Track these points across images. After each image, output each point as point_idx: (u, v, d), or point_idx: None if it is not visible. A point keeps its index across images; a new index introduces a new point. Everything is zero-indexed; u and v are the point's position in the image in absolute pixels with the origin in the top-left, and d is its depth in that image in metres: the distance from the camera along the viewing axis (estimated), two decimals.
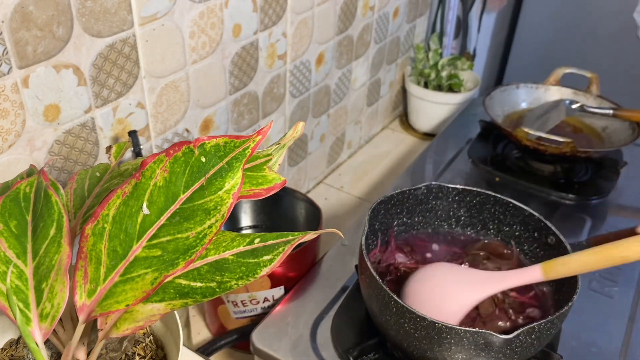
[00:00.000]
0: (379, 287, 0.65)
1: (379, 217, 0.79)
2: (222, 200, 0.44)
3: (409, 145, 1.42)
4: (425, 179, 1.08)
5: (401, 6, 1.31)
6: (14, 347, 0.54)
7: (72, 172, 0.70)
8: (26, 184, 0.49)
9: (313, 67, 1.08)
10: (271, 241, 0.45)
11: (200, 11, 0.78)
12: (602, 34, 1.71)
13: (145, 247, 0.43)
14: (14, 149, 0.63)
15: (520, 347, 0.62)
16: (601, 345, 0.75)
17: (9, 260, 0.45)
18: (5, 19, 0.57)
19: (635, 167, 1.09)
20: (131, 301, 0.43)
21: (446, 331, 0.61)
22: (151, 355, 0.54)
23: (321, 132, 1.21)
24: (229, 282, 0.44)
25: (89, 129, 0.70)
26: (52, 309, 0.44)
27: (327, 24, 1.07)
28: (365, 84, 1.30)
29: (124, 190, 0.44)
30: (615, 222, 0.98)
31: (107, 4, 0.66)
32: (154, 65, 0.75)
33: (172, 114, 0.81)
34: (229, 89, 0.90)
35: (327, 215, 1.17)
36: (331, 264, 0.86)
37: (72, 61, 0.65)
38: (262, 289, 0.81)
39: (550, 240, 0.75)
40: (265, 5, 0.89)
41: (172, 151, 0.44)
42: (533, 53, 1.85)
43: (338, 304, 0.79)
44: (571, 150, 0.98)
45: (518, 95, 1.19)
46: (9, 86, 0.60)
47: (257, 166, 0.49)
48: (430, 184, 0.81)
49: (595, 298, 0.82)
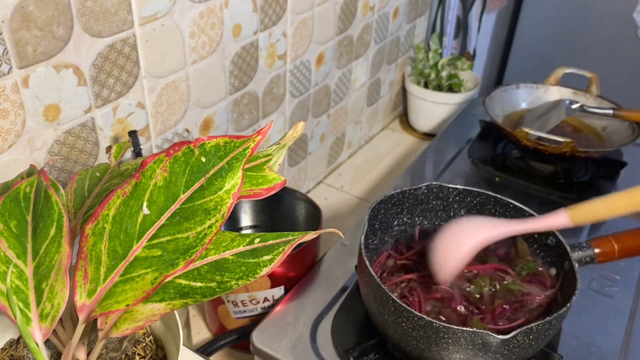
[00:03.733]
0: (377, 286, 0.65)
1: (379, 216, 0.79)
2: (222, 200, 0.44)
3: (409, 145, 1.42)
4: (425, 179, 1.08)
5: (401, 6, 1.31)
6: (14, 347, 0.55)
7: (72, 172, 0.70)
8: (26, 184, 0.49)
9: (313, 67, 1.08)
10: (271, 241, 0.45)
11: (200, 11, 0.78)
12: (602, 34, 1.71)
13: (145, 247, 0.43)
14: (14, 149, 0.63)
15: (518, 348, 0.62)
16: (601, 345, 0.75)
17: (9, 260, 0.45)
18: (5, 19, 0.57)
19: (635, 167, 1.09)
20: (131, 301, 0.43)
21: (444, 331, 0.61)
22: (151, 355, 0.54)
23: (321, 132, 1.21)
24: (229, 282, 0.44)
25: (89, 129, 0.70)
26: (52, 309, 0.44)
27: (327, 24, 1.07)
28: (365, 84, 1.30)
29: (124, 190, 0.44)
30: (616, 222, 0.98)
31: (107, 4, 0.66)
32: (154, 65, 0.75)
33: (172, 114, 0.81)
34: (229, 89, 0.90)
35: (327, 215, 1.17)
36: (331, 264, 0.86)
37: (72, 61, 0.65)
38: (262, 289, 0.81)
39: (550, 241, 0.75)
40: (265, 5, 0.89)
41: (172, 151, 0.44)
42: (533, 53, 1.85)
43: (338, 304, 0.79)
44: (571, 150, 0.99)
45: (518, 95, 1.19)
46: (9, 86, 0.60)
47: (257, 166, 0.49)
48: (430, 184, 0.81)
49: (595, 298, 0.82)
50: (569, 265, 0.70)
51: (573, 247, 0.71)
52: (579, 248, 0.72)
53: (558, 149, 0.99)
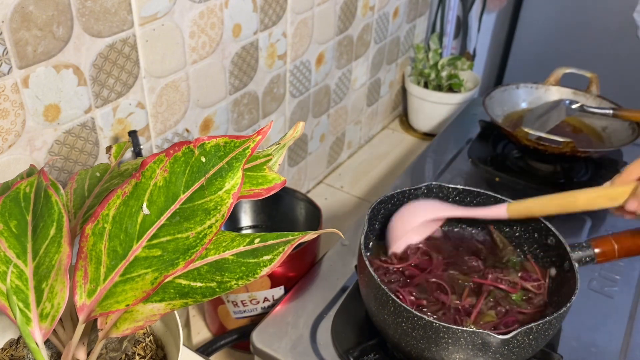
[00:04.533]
0: (377, 286, 0.65)
1: (378, 216, 0.79)
2: (222, 200, 0.44)
3: (409, 145, 1.42)
4: (425, 179, 1.08)
5: (401, 6, 1.31)
6: (14, 347, 0.55)
7: (72, 172, 0.70)
8: (26, 184, 0.49)
9: (313, 67, 1.08)
10: (271, 241, 0.45)
11: (200, 11, 0.78)
12: (602, 34, 1.71)
13: (145, 247, 0.43)
14: (14, 149, 0.63)
15: (517, 348, 0.62)
16: (601, 345, 0.75)
17: (9, 260, 0.45)
18: (5, 19, 0.57)
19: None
20: (131, 301, 0.43)
21: (443, 330, 0.61)
22: (151, 355, 0.54)
23: (321, 132, 1.21)
24: (229, 282, 0.44)
25: (89, 129, 0.70)
26: (52, 309, 0.44)
27: (327, 24, 1.07)
28: (365, 84, 1.30)
29: (124, 190, 0.44)
30: (615, 222, 0.98)
31: (107, 4, 0.66)
32: (154, 65, 0.75)
33: (172, 114, 0.81)
34: (229, 89, 0.90)
35: (327, 215, 1.17)
36: (331, 264, 0.86)
37: (72, 61, 0.65)
38: (262, 289, 0.81)
39: (550, 241, 0.75)
40: (265, 5, 0.89)
41: (172, 151, 0.44)
42: (533, 53, 1.85)
43: (338, 304, 0.79)
44: (571, 150, 0.99)
45: (518, 95, 1.19)
46: (9, 86, 0.60)
47: (257, 166, 0.49)
48: (430, 184, 0.81)
49: (595, 298, 0.82)
50: (569, 265, 0.70)
51: (573, 247, 0.71)
52: (579, 248, 0.72)
53: (558, 149, 0.99)
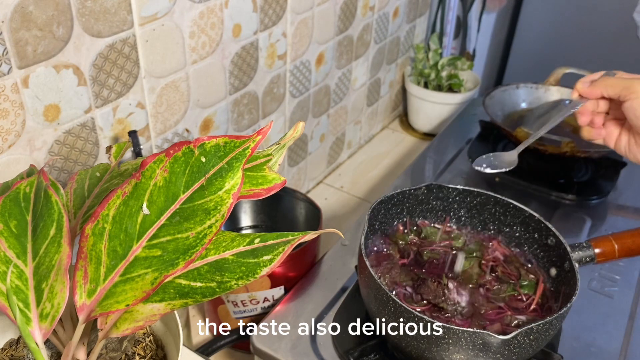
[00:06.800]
0: (377, 286, 0.65)
1: (379, 217, 0.79)
2: (222, 200, 0.44)
3: (409, 145, 1.42)
4: (425, 179, 1.08)
5: (401, 6, 1.31)
6: (14, 347, 0.55)
7: (72, 172, 0.70)
8: (26, 184, 0.49)
9: (313, 67, 1.08)
10: (271, 241, 0.45)
11: (200, 11, 0.78)
12: (602, 34, 1.71)
13: (145, 247, 0.43)
14: (14, 149, 0.63)
15: (518, 348, 0.62)
16: (601, 345, 0.75)
17: (9, 260, 0.45)
18: (5, 19, 0.57)
19: (635, 167, 1.09)
20: (131, 301, 0.43)
21: (444, 331, 0.61)
22: (151, 355, 0.54)
23: (321, 132, 1.21)
24: (229, 282, 0.44)
25: (89, 129, 0.70)
26: (52, 309, 0.44)
27: (327, 24, 1.07)
28: (365, 84, 1.30)
29: (124, 190, 0.44)
30: (615, 222, 0.98)
31: (107, 4, 0.66)
32: (154, 65, 0.75)
33: (172, 114, 0.81)
34: (229, 89, 0.90)
35: (327, 215, 1.17)
36: (331, 264, 0.86)
37: (72, 61, 0.65)
38: (262, 289, 0.81)
39: (550, 241, 0.75)
40: (265, 5, 0.89)
41: (172, 151, 0.44)
42: (533, 53, 1.85)
43: (338, 304, 0.79)
44: (571, 150, 0.98)
45: (518, 95, 1.19)
46: (9, 86, 0.60)
47: (257, 166, 0.49)
48: (430, 184, 0.81)
49: (595, 298, 0.82)
50: (569, 265, 0.70)
51: (573, 247, 0.71)
52: (579, 248, 0.71)
53: (558, 149, 0.99)
